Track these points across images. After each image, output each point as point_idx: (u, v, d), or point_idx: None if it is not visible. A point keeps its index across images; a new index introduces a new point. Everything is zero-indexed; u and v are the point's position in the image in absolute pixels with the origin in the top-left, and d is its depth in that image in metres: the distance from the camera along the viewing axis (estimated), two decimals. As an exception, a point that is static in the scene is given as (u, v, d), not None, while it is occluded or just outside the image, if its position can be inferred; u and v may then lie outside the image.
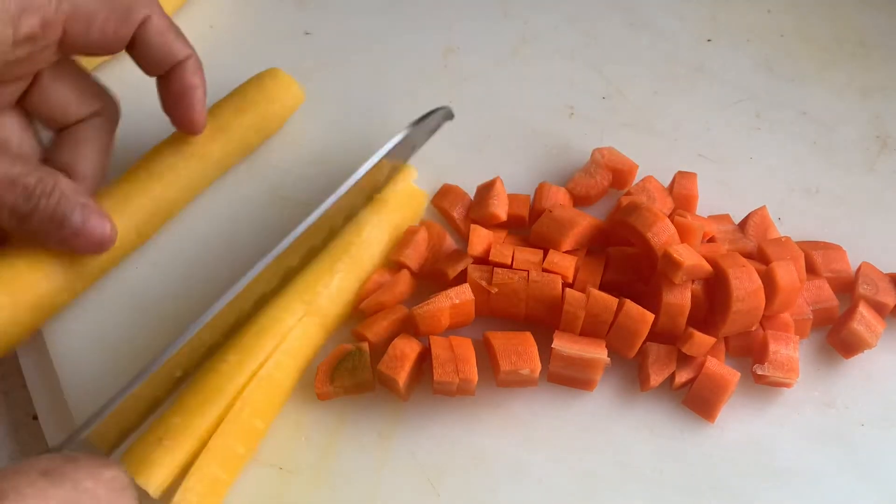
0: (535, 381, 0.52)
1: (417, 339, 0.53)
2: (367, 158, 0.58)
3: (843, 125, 0.66)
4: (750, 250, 0.56)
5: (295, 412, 0.53)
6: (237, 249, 0.58)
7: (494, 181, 0.59)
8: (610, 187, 0.60)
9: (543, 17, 0.71)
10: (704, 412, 0.53)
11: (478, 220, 0.58)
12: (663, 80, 0.68)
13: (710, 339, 0.52)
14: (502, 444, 0.52)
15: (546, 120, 0.65)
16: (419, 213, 0.60)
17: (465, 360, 0.51)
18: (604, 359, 0.51)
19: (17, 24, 0.48)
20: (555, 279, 0.53)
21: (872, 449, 0.52)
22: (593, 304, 0.52)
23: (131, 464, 0.48)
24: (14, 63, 0.50)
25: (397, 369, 0.51)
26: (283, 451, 0.51)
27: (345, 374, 0.52)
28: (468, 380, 0.50)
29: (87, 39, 0.51)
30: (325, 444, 0.52)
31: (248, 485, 0.50)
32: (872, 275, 0.56)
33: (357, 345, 0.53)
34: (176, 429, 0.49)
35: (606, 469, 0.51)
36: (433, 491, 0.50)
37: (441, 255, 0.57)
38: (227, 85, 0.62)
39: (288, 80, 0.63)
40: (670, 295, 0.52)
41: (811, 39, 0.70)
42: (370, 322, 0.54)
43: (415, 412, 0.53)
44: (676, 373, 0.53)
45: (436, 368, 0.51)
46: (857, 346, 0.54)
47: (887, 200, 0.62)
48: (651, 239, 0.52)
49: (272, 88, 0.62)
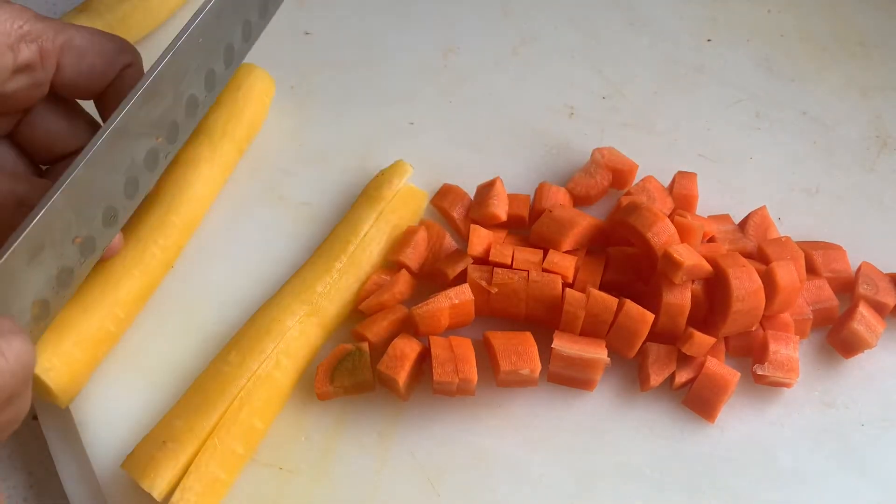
0: (536, 381, 0.52)
1: (417, 339, 0.53)
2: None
3: (843, 125, 0.66)
4: (750, 250, 0.56)
5: (295, 412, 0.53)
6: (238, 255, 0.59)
7: (494, 181, 0.59)
8: (610, 187, 0.60)
9: (543, 17, 0.71)
10: (704, 412, 0.53)
11: (478, 220, 0.58)
12: (663, 80, 0.68)
13: (710, 339, 0.52)
14: (502, 444, 0.52)
15: (546, 120, 0.65)
16: (419, 213, 0.60)
17: (465, 359, 0.51)
18: (604, 359, 0.51)
19: (17, 50, 0.48)
20: (555, 279, 0.53)
21: (872, 449, 0.52)
22: (593, 304, 0.52)
23: (135, 468, 0.48)
24: (9, 96, 0.50)
25: (397, 369, 0.51)
26: (282, 451, 0.51)
27: (345, 374, 0.52)
28: (468, 380, 0.50)
29: (77, 74, 0.51)
30: (325, 444, 0.52)
31: (247, 485, 0.50)
32: (872, 275, 0.56)
33: (357, 345, 0.53)
34: (179, 431, 0.49)
35: (606, 469, 0.51)
36: (433, 491, 0.50)
37: (441, 255, 0.57)
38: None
39: (249, 67, 0.62)
40: (670, 295, 0.52)
41: (811, 39, 0.70)
42: (370, 322, 0.54)
43: (415, 412, 0.53)
44: (676, 373, 0.53)
45: (435, 368, 0.51)
46: (858, 346, 0.54)
47: (887, 200, 0.62)
48: (651, 239, 0.52)
49: (239, 78, 0.62)
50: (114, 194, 0.51)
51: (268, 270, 0.58)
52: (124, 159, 0.51)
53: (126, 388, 0.53)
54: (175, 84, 0.52)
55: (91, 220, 0.50)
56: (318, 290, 0.54)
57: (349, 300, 0.55)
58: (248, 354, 0.52)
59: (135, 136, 0.51)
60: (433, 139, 0.64)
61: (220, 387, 0.50)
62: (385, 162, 0.61)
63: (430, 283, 0.56)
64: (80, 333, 0.52)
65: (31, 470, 0.54)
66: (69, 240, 0.49)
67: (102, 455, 0.51)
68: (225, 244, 0.59)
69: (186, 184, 0.58)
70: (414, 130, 0.65)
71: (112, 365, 0.54)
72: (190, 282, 0.57)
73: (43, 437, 0.54)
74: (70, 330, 0.52)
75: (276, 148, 0.63)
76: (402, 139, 0.64)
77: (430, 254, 0.57)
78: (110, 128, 0.48)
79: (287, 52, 0.68)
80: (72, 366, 0.51)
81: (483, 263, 0.55)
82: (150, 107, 0.51)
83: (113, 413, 0.52)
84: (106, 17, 0.65)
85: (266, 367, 0.51)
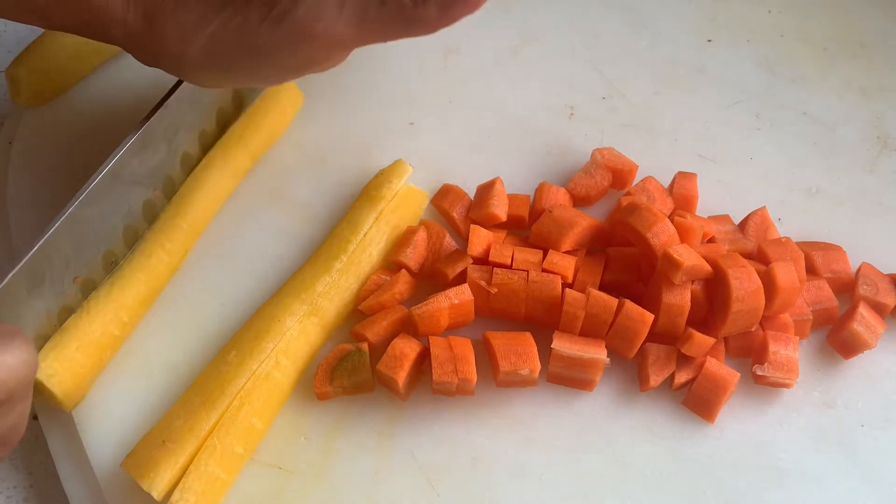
0: (535, 382, 0.52)
1: (417, 339, 0.53)
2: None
3: (843, 126, 0.66)
4: (750, 250, 0.56)
5: (294, 412, 0.53)
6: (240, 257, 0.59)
7: (494, 181, 0.59)
8: (610, 187, 0.60)
9: (543, 17, 0.71)
10: (704, 412, 0.53)
11: (478, 220, 0.58)
12: (663, 80, 0.68)
13: (709, 339, 0.52)
14: (502, 444, 0.52)
15: (546, 120, 0.65)
16: (419, 214, 0.60)
17: (464, 359, 0.51)
18: (603, 359, 0.51)
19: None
20: (554, 279, 0.53)
21: (872, 449, 0.52)
22: (593, 304, 0.52)
23: (135, 467, 0.48)
24: None
25: (397, 369, 0.51)
26: (282, 451, 0.51)
27: (344, 374, 0.52)
28: (467, 380, 0.50)
29: None
30: (324, 444, 0.52)
31: (247, 485, 0.50)
32: (872, 275, 0.56)
33: (357, 345, 0.53)
34: (179, 431, 0.49)
35: (606, 469, 0.51)
36: (433, 491, 0.50)
37: (441, 255, 0.57)
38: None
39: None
40: (670, 295, 0.52)
41: (811, 40, 0.70)
42: (370, 322, 0.54)
43: (414, 412, 0.53)
44: (676, 373, 0.53)
45: (435, 368, 0.51)
46: (858, 346, 0.54)
47: (887, 201, 0.62)
48: (651, 239, 0.52)
49: (275, 96, 0.62)
50: (113, 239, 0.53)
51: (268, 271, 0.58)
52: (121, 205, 0.52)
53: (126, 389, 0.53)
54: (167, 139, 0.54)
55: (91, 262, 0.51)
56: (318, 290, 0.54)
57: (349, 300, 0.55)
58: (248, 354, 0.52)
59: (129, 183, 0.52)
60: (433, 139, 0.64)
61: (219, 386, 0.50)
62: (385, 162, 0.61)
63: (430, 282, 0.56)
64: (84, 338, 0.52)
65: (31, 470, 0.54)
66: (69, 277, 0.50)
67: (102, 455, 0.51)
68: (226, 245, 0.59)
69: (196, 188, 0.58)
70: (414, 130, 0.65)
71: (112, 366, 0.54)
72: (192, 283, 0.57)
73: (43, 437, 0.54)
74: (74, 335, 0.52)
75: (277, 148, 0.63)
76: (402, 139, 0.64)
77: (430, 254, 0.57)
78: (104, 170, 0.50)
79: (287, 52, 0.68)
80: (76, 371, 0.51)
81: (483, 263, 0.55)
82: (144, 156, 0.52)
83: (113, 413, 0.52)
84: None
85: (265, 367, 0.51)
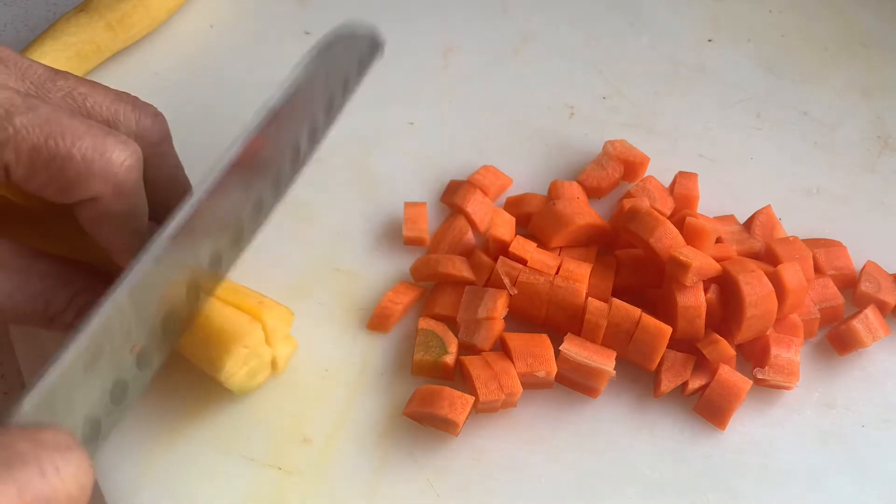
0: (551, 384, 0.51)
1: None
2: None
3: (844, 125, 0.66)
4: (757, 250, 0.56)
5: (294, 412, 0.53)
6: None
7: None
8: (621, 179, 0.60)
9: (543, 17, 0.71)
10: (716, 419, 0.52)
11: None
12: (663, 80, 0.68)
13: (731, 349, 0.51)
14: (502, 444, 0.52)
15: (546, 120, 0.65)
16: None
17: (506, 373, 0.50)
18: (609, 371, 0.50)
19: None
20: (579, 287, 0.52)
21: (873, 449, 0.52)
22: (615, 313, 0.51)
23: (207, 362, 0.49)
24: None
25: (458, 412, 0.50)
26: (282, 451, 0.51)
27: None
28: (513, 393, 0.50)
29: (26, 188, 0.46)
30: (324, 444, 0.52)
31: (247, 485, 0.50)
32: (876, 273, 0.56)
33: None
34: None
35: (606, 470, 0.51)
36: (433, 491, 0.50)
37: (459, 248, 0.57)
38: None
39: None
40: (684, 297, 0.51)
41: (812, 39, 0.70)
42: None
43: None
44: (689, 379, 0.52)
45: (479, 389, 0.50)
46: (852, 343, 0.54)
47: (888, 201, 0.62)
48: (654, 244, 0.52)
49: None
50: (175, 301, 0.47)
51: (269, 271, 0.58)
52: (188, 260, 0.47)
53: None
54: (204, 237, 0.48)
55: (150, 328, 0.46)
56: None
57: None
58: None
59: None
60: (433, 139, 0.64)
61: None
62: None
63: (431, 281, 0.56)
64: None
65: (30, 470, 0.54)
66: (128, 347, 0.45)
67: (103, 455, 0.51)
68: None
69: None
70: (414, 130, 0.65)
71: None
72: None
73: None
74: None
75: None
76: (402, 139, 0.64)
77: (448, 246, 0.57)
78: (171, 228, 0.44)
79: (287, 52, 0.68)
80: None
81: (502, 253, 0.54)
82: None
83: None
84: (106, 17, 0.65)
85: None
